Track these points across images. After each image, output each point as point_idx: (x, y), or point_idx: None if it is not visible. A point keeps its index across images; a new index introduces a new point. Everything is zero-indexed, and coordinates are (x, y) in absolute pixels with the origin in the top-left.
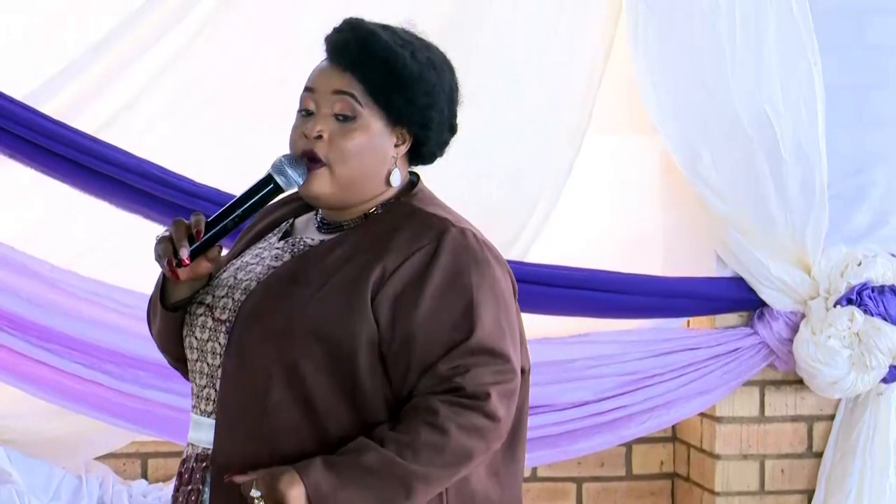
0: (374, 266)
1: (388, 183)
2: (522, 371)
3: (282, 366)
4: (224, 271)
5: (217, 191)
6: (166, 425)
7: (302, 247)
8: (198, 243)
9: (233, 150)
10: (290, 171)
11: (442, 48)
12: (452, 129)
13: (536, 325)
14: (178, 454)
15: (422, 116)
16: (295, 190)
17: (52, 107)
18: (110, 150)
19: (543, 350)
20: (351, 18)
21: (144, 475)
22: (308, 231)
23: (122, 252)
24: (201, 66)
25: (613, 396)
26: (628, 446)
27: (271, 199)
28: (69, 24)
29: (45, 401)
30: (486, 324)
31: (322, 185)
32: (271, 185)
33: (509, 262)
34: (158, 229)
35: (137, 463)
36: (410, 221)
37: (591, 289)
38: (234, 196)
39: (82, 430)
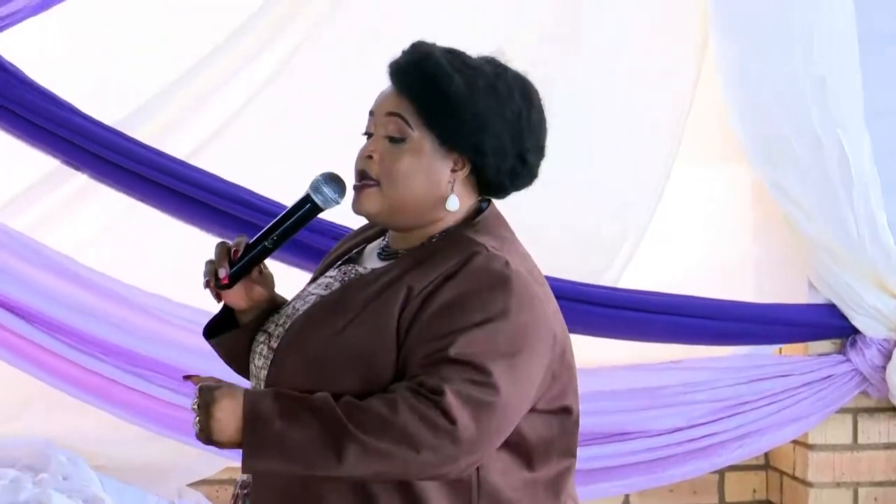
0: (401, 290)
1: (445, 208)
2: (568, 411)
3: (318, 391)
4: (293, 299)
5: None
6: None
7: (353, 275)
8: (237, 265)
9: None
10: (326, 190)
11: (534, 80)
12: (522, 159)
13: (629, 351)
14: None
15: (472, 142)
16: (332, 208)
17: (143, 132)
18: (202, 175)
19: (636, 376)
20: (417, 42)
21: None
22: (368, 259)
23: None
24: (291, 93)
25: (705, 423)
26: (721, 474)
27: (310, 219)
28: (160, 51)
29: (138, 426)
30: (476, 339)
31: (372, 203)
32: (309, 205)
33: (602, 288)
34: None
35: (230, 489)
36: (452, 248)
37: (685, 315)
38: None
39: (175, 456)
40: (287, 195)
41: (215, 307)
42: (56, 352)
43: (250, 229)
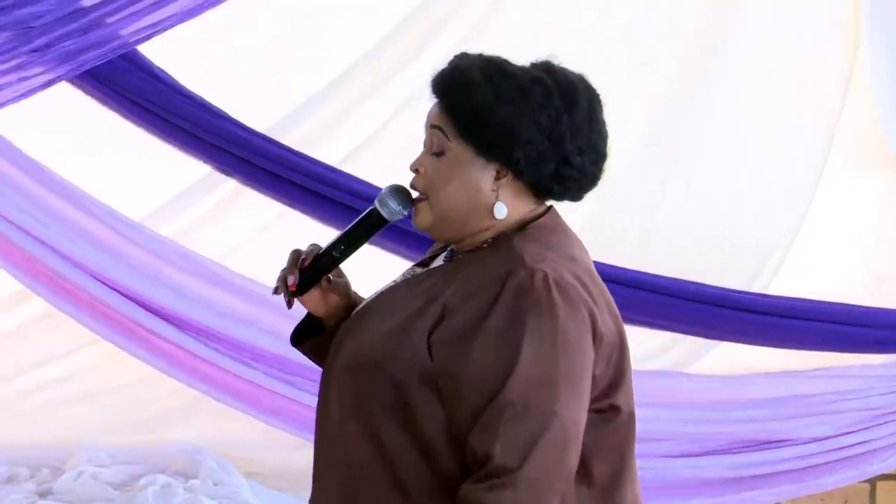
0: (436, 299)
1: (493, 216)
2: (616, 409)
3: (354, 397)
4: None
5: None
6: None
7: (409, 276)
8: (305, 274)
9: None
10: (391, 203)
11: (686, 85)
12: (567, 162)
13: (778, 359)
14: None
15: (503, 150)
16: (398, 220)
17: (293, 138)
18: (352, 181)
19: (786, 383)
20: (459, 53)
21: None
22: (438, 262)
23: (361, 283)
24: None
25: (856, 431)
26: (872, 483)
27: (377, 231)
28: (311, 57)
29: (288, 433)
30: (532, 375)
31: (423, 217)
32: (376, 216)
33: (754, 295)
34: (399, 260)
35: None
36: (495, 257)
37: (839, 322)
38: None
39: None
40: None
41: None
42: (207, 359)
43: (399, 235)
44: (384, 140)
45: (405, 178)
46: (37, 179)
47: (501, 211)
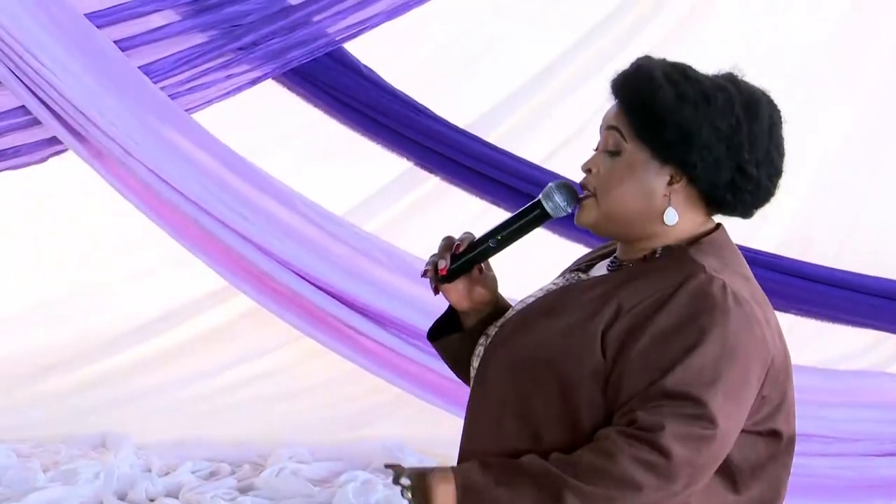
0: (611, 301)
1: (663, 222)
2: (777, 434)
3: (516, 395)
4: (518, 303)
5: None
6: None
7: (574, 281)
8: (459, 260)
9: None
10: (557, 198)
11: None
12: (743, 172)
13: None
14: None
15: (679, 153)
16: (562, 216)
17: (496, 135)
18: (556, 179)
19: None
20: (642, 56)
21: None
22: (596, 270)
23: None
24: None
25: None
26: None
27: (538, 224)
28: (513, 54)
29: None
30: (692, 369)
31: (588, 214)
32: (539, 210)
33: None
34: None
35: None
36: (671, 265)
37: None
38: None
39: None
40: None
41: None
42: (410, 356)
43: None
44: (587, 137)
45: None
46: (243, 176)
47: (672, 217)
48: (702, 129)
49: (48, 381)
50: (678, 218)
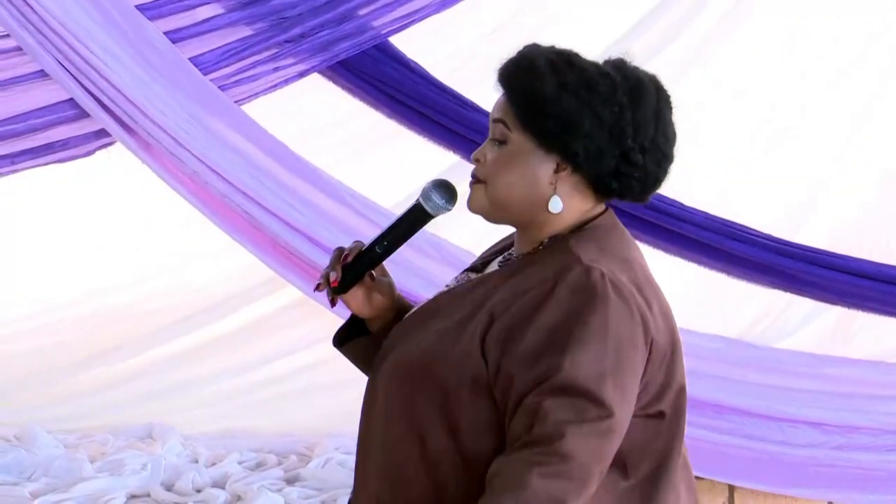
0: (488, 303)
1: (549, 210)
2: (662, 415)
3: (401, 400)
4: None
5: (706, 215)
6: None
7: (462, 281)
8: (349, 270)
9: (721, 175)
10: (434, 197)
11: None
12: (627, 159)
13: None
14: None
15: (561, 142)
16: (442, 215)
17: None
18: None
19: None
20: (529, 44)
21: None
22: (493, 266)
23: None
24: (687, 95)
25: None
26: None
27: (422, 225)
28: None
29: None
30: (580, 363)
31: (477, 200)
32: (419, 211)
33: None
34: (650, 252)
35: None
36: (549, 258)
37: None
38: (723, 219)
39: None
40: (678, 194)
41: None
42: None
43: (647, 227)
44: None
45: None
46: (291, 167)
47: (556, 205)
48: (583, 118)
49: (96, 371)
50: (563, 206)
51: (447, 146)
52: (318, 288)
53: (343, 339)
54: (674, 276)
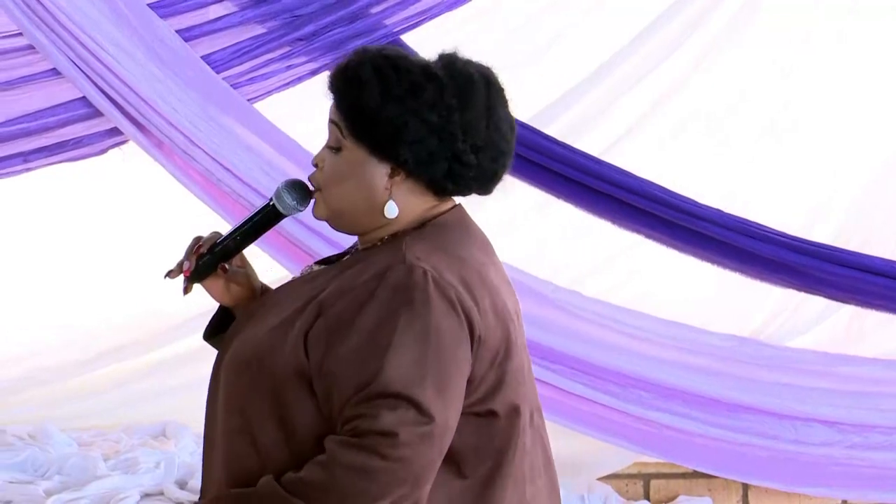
0: (314, 298)
1: (385, 215)
2: (494, 414)
3: (236, 392)
4: None
5: (719, 212)
6: (669, 446)
7: (305, 273)
8: (201, 261)
9: (735, 172)
10: (286, 197)
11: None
12: (461, 162)
13: None
14: (682, 475)
15: (390, 149)
16: (293, 215)
17: (555, 129)
18: (615, 173)
19: None
20: (358, 47)
21: (647, 496)
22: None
23: (624, 273)
24: (701, 92)
25: None
26: None
27: (273, 224)
28: (572, 47)
29: (550, 421)
30: (400, 367)
31: (319, 209)
32: (271, 210)
33: None
34: (663, 250)
35: (640, 483)
36: (379, 255)
37: None
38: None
39: (586, 451)
40: (692, 191)
41: (624, 301)
42: None
43: (662, 225)
44: (645, 131)
45: (664, 168)
46: (305, 166)
47: (392, 210)
48: (409, 125)
49: (110, 369)
50: (401, 209)
51: None
52: (169, 274)
53: (215, 332)
54: (688, 275)
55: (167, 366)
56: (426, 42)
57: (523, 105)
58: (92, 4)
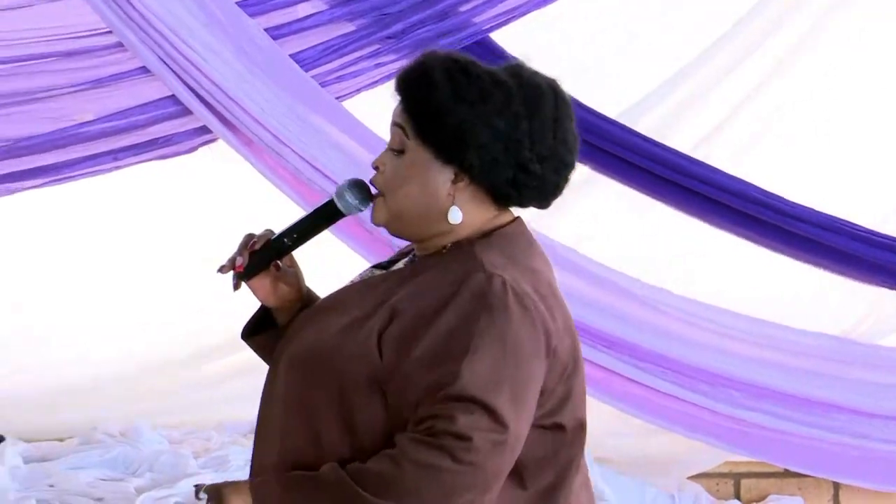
0: (389, 300)
1: (448, 220)
2: (561, 428)
3: (299, 393)
4: None
5: (814, 210)
6: (760, 445)
7: (368, 276)
8: (255, 258)
9: (832, 170)
10: (348, 196)
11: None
12: (525, 169)
13: None
14: (773, 475)
15: (457, 154)
16: (355, 214)
17: (644, 125)
18: (706, 170)
19: None
20: (427, 50)
21: (737, 495)
22: (400, 265)
23: (714, 271)
24: (795, 88)
25: None
26: None
27: (332, 222)
28: (661, 43)
29: (641, 419)
30: (477, 373)
31: (379, 213)
32: (331, 208)
33: None
34: (754, 249)
35: (730, 483)
36: (453, 262)
37: None
38: (831, 216)
39: (676, 450)
40: (783, 188)
41: (714, 299)
42: None
43: (755, 224)
44: (734, 128)
45: (756, 165)
46: None
47: (456, 216)
48: (477, 129)
49: (202, 368)
50: (463, 216)
51: None
52: (221, 270)
53: (252, 332)
54: (778, 274)
55: (259, 365)
56: (515, 39)
57: (611, 101)
58: (181, 3)
